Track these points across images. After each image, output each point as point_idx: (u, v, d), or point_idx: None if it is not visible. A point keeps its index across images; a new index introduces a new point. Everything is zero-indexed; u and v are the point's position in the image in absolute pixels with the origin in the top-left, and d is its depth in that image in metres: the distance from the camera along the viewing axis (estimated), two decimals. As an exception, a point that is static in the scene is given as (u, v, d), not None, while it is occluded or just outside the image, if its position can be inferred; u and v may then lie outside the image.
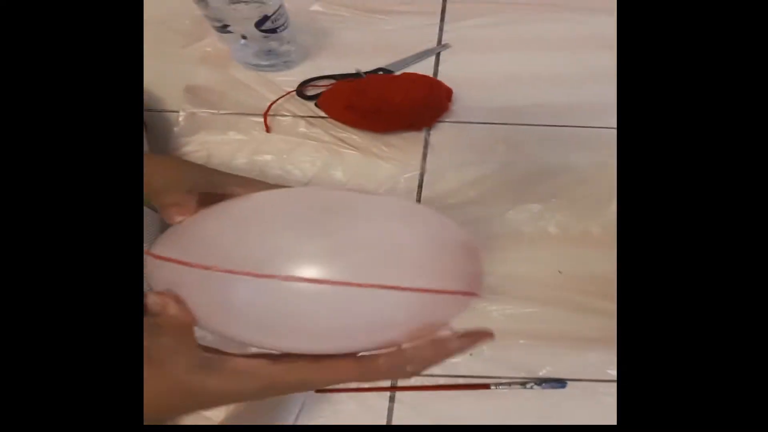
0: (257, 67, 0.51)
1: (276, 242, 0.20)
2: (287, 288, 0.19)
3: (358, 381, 0.21)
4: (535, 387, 0.40)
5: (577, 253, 0.45)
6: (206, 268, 0.20)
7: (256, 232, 0.20)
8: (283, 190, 0.23)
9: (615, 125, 0.52)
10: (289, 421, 0.34)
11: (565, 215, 0.47)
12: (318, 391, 0.38)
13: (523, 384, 0.40)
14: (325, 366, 0.21)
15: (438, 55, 0.55)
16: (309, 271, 0.19)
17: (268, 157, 0.48)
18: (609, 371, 0.41)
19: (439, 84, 0.52)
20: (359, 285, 0.19)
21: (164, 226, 0.29)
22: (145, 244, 0.24)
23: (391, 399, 0.40)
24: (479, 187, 0.48)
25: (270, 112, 0.49)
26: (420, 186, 0.48)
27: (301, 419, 0.37)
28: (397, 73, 0.54)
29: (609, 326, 0.42)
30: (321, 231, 0.20)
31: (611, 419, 0.40)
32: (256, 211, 0.21)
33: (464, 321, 0.42)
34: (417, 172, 0.49)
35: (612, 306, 0.43)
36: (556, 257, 0.45)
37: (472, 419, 0.40)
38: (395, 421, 0.39)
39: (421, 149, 0.50)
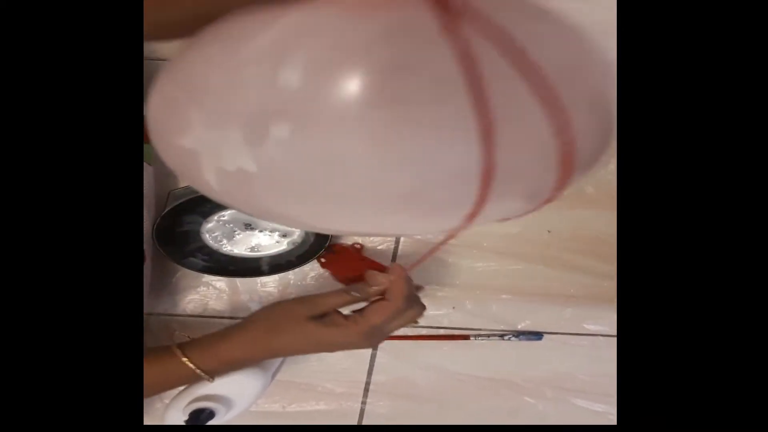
0: None
1: None
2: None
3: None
4: (513, 339, 0.42)
5: (568, 213, 0.45)
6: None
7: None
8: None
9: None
10: (274, 368, 0.35)
11: (560, 172, 0.46)
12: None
13: (502, 336, 0.42)
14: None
15: None
16: None
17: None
18: (584, 325, 0.43)
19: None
20: None
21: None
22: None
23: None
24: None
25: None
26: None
27: (285, 366, 0.39)
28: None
29: (590, 283, 0.43)
30: None
31: (582, 369, 0.43)
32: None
33: (448, 275, 0.43)
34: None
35: (596, 264, 0.44)
36: (547, 217, 0.44)
37: (452, 367, 0.42)
38: (377, 367, 0.42)
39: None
